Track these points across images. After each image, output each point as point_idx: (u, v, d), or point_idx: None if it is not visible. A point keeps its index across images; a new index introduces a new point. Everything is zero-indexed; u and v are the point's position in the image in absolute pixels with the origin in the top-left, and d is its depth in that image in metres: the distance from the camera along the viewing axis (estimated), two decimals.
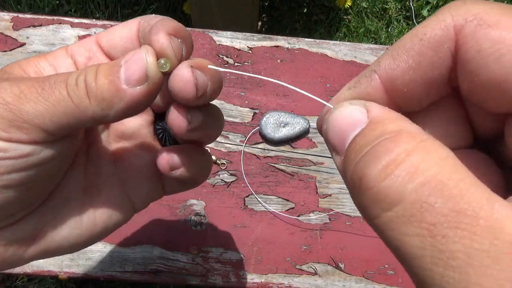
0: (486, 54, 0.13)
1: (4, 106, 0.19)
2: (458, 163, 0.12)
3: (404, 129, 0.14)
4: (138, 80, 0.20)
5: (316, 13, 1.52)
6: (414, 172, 0.12)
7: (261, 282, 0.55)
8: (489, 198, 0.11)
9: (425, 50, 0.14)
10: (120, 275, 0.54)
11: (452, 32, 0.14)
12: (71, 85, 0.20)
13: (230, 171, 0.59)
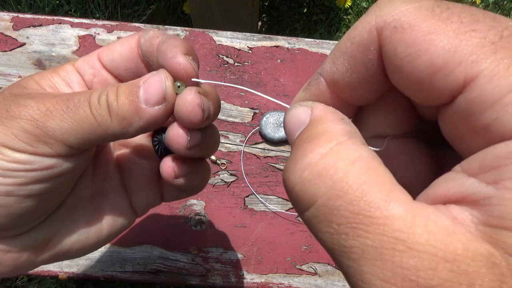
0: (400, 57, 0.13)
1: (32, 123, 0.20)
2: (367, 165, 0.13)
3: (327, 131, 0.15)
4: (157, 101, 0.22)
5: (316, 13, 1.52)
6: (324, 176, 0.13)
7: (261, 282, 0.55)
8: (387, 198, 0.12)
9: (356, 53, 0.15)
10: (120, 275, 0.54)
11: (375, 34, 0.14)
12: (94, 104, 0.21)
13: (230, 171, 0.59)
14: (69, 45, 0.61)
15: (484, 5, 1.54)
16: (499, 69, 0.11)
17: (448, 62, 0.12)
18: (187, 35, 0.64)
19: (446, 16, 0.13)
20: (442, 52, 0.12)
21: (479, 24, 0.12)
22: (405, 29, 0.13)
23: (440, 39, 0.13)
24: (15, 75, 0.59)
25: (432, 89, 0.13)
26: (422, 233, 0.12)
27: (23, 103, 0.21)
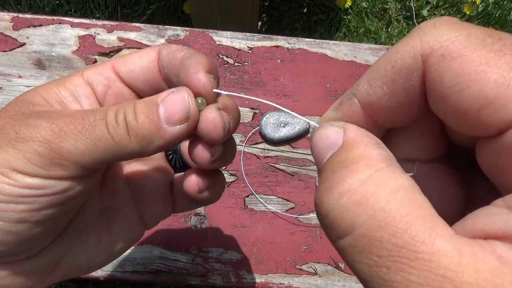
0: (447, 86, 0.13)
1: (45, 145, 0.19)
2: (409, 195, 0.13)
3: (364, 156, 0.14)
4: (180, 120, 0.21)
5: (316, 13, 1.52)
6: (364, 204, 0.13)
7: (261, 282, 0.55)
8: (431, 233, 0.12)
9: (397, 77, 0.15)
10: (120, 275, 0.54)
11: (420, 60, 0.14)
12: (111, 123, 0.20)
13: (230, 171, 0.59)
14: (69, 45, 0.61)
15: (484, 5, 1.54)
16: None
17: (500, 96, 0.12)
18: (187, 35, 0.64)
19: (499, 48, 0.12)
20: (495, 85, 0.12)
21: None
22: (454, 58, 0.13)
23: (492, 71, 0.12)
24: (15, 75, 0.59)
25: (478, 122, 0.13)
26: (471, 272, 0.11)
27: (33, 124, 0.19)
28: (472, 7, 1.51)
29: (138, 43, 0.62)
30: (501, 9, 1.54)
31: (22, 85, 0.59)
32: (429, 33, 0.14)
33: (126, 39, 0.62)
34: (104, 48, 0.61)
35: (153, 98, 0.21)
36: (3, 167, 0.19)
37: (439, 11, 1.55)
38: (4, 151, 0.19)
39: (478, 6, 1.52)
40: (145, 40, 0.62)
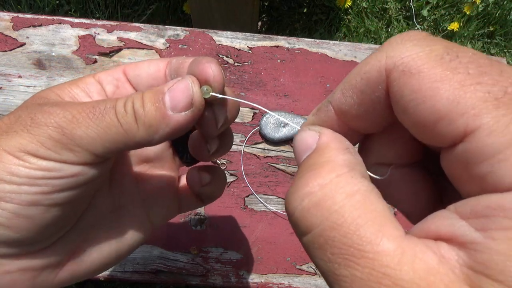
0: (406, 100, 0.14)
1: (58, 130, 0.20)
2: (363, 199, 0.14)
3: (330, 161, 0.16)
4: (184, 107, 0.21)
5: (316, 13, 1.52)
6: (322, 207, 0.14)
7: (261, 282, 0.55)
8: (379, 234, 0.13)
9: (364, 88, 0.16)
10: (120, 275, 0.54)
11: (384, 74, 0.15)
12: (120, 111, 0.21)
13: (230, 171, 0.59)
14: (69, 45, 0.61)
15: (484, 5, 1.54)
16: (499, 125, 0.12)
17: (451, 112, 0.13)
18: (187, 35, 0.64)
19: (454, 66, 0.13)
20: (446, 102, 0.13)
21: (484, 77, 0.13)
22: (413, 74, 0.14)
23: (445, 88, 0.13)
24: (15, 75, 0.59)
25: (434, 134, 0.14)
26: (408, 270, 0.12)
27: (48, 111, 0.20)
28: (472, 7, 1.51)
29: (138, 43, 0.62)
30: (501, 9, 1.54)
31: (22, 85, 0.59)
32: (395, 48, 0.15)
33: (126, 39, 0.62)
34: (104, 48, 0.61)
35: (161, 87, 0.22)
36: (18, 150, 0.20)
37: (439, 11, 1.55)
38: (20, 135, 0.20)
39: (478, 6, 1.52)
40: (145, 40, 0.62)
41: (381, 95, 0.15)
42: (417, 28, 1.52)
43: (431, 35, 0.15)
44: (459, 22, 1.50)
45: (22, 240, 0.21)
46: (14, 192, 0.20)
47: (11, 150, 0.20)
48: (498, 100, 0.12)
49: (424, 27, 1.54)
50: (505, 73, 0.13)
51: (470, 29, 1.52)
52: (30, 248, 0.22)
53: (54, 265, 0.24)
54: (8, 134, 0.20)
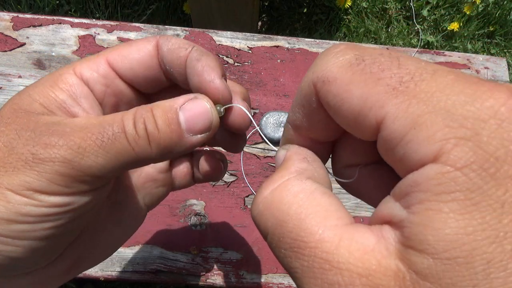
0: (331, 105, 0.16)
1: (65, 164, 0.19)
2: (307, 197, 0.16)
3: (285, 169, 0.18)
4: (203, 130, 0.21)
5: (316, 13, 1.52)
6: (272, 208, 0.16)
7: (261, 282, 0.55)
8: (319, 225, 0.15)
9: (304, 103, 0.18)
10: (120, 275, 0.54)
11: (313, 88, 0.17)
12: (131, 134, 0.20)
13: (230, 171, 0.59)
14: (69, 45, 0.61)
15: (484, 5, 1.54)
16: (400, 111, 0.13)
17: (363, 108, 0.15)
18: (187, 35, 0.64)
19: (361, 68, 0.15)
20: (357, 100, 0.15)
21: (384, 73, 0.14)
22: (331, 82, 0.16)
23: (355, 89, 0.15)
24: (15, 75, 0.59)
25: (359, 129, 0.15)
26: (344, 252, 0.14)
27: (49, 143, 0.19)
28: (472, 7, 1.51)
29: None
30: (501, 9, 1.54)
31: (22, 85, 0.59)
32: (317, 64, 0.17)
33: (126, 39, 0.62)
34: (104, 48, 0.61)
35: (170, 104, 0.21)
36: (25, 189, 0.18)
37: (439, 11, 1.55)
38: (22, 172, 0.19)
39: (478, 6, 1.52)
40: None
41: (316, 106, 0.17)
42: (417, 28, 1.52)
43: (351, 45, 0.17)
44: (459, 22, 1.50)
45: (35, 263, 0.21)
46: (28, 230, 0.19)
47: (17, 189, 0.18)
48: (396, 90, 0.14)
49: (424, 27, 1.54)
50: (402, 65, 0.14)
51: (470, 29, 1.52)
52: (40, 266, 0.22)
53: (63, 270, 0.24)
54: (6, 169, 0.19)
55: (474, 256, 0.11)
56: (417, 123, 0.13)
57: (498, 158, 0.12)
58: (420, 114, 0.13)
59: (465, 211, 0.12)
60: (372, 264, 0.13)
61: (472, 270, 0.11)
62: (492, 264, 0.11)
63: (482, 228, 0.11)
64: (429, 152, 0.12)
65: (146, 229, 0.56)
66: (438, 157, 0.12)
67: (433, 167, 0.12)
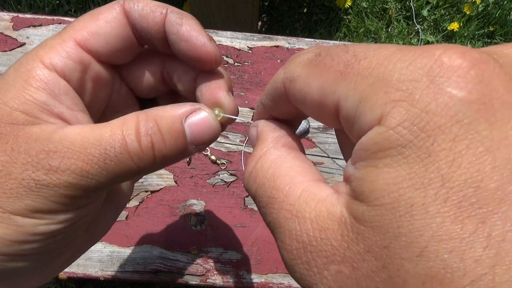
0: (296, 99, 0.18)
1: (70, 188, 0.19)
2: (281, 161, 0.18)
3: (263, 140, 0.20)
4: (206, 143, 0.22)
5: (316, 13, 1.51)
6: (255, 176, 0.19)
7: (261, 282, 0.55)
8: (289, 183, 0.17)
9: (274, 94, 0.20)
10: (120, 275, 0.54)
11: (282, 86, 0.19)
12: (136, 153, 0.20)
13: (230, 171, 0.59)
14: None
15: (484, 5, 1.54)
16: (348, 91, 0.15)
17: (321, 97, 0.16)
18: None
19: (317, 63, 0.17)
20: (316, 91, 0.16)
21: (334, 61, 0.16)
22: (295, 80, 0.18)
23: (313, 81, 0.17)
24: None
25: (325, 118, 0.17)
26: (302, 203, 0.16)
27: (50, 168, 0.18)
28: (472, 7, 1.51)
29: None
30: (501, 9, 1.54)
31: None
32: (287, 65, 0.19)
33: None
34: None
35: (175, 115, 0.21)
36: (32, 212, 0.19)
37: (439, 11, 1.55)
38: (26, 198, 0.19)
39: (478, 6, 1.52)
40: None
41: (284, 99, 0.19)
42: (417, 28, 1.52)
43: (317, 46, 0.18)
44: (459, 22, 1.50)
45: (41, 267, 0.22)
46: (40, 246, 0.20)
47: (24, 213, 0.19)
48: (343, 73, 0.15)
49: (424, 27, 1.54)
50: (349, 50, 0.16)
51: (470, 29, 1.52)
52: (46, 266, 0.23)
53: (62, 263, 0.24)
54: (7, 195, 0.18)
55: (399, 202, 0.13)
56: (363, 96, 0.14)
57: (428, 111, 0.12)
58: (364, 88, 0.14)
59: (396, 164, 0.13)
60: (321, 210, 0.15)
61: (397, 214, 0.13)
62: (414, 207, 0.12)
63: (410, 178, 0.13)
64: (373, 118, 0.14)
65: (146, 229, 0.56)
66: (380, 121, 0.14)
67: (374, 129, 0.14)
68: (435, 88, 0.13)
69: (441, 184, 0.12)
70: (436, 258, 0.12)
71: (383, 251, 0.13)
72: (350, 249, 0.14)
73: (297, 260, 0.16)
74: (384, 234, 0.13)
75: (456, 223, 0.12)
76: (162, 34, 0.22)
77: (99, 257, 0.55)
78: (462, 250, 0.11)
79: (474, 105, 0.12)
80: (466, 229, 0.11)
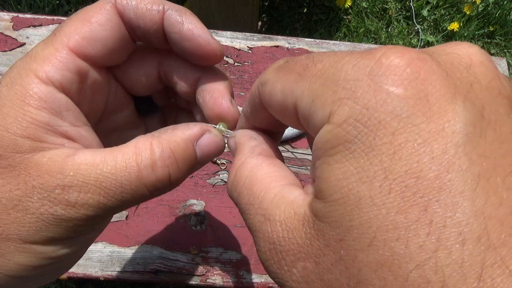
0: (266, 101, 0.19)
1: (89, 220, 0.19)
2: (256, 169, 0.19)
3: (241, 151, 0.21)
4: (211, 160, 0.23)
5: (316, 13, 1.51)
6: (236, 184, 0.19)
7: (261, 282, 0.55)
8: (262, 189, 0.18)
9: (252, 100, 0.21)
10: (120, 275, 0.54)
11: (257, 91, 0.20)
12: (152, 184, 0.20)
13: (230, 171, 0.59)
14: None
15: (484, 5, 1.54)
16: (303, 91, 0.16)
17: (283, 99, 0.17)
18: None
19: (283, 67, 0.18)
20: (280, 93, 0.17)
21: (296, 66, 0.17)
22: (265, 84, 0.18)
23: (278, 84, 0.17)
24: None
25: (288, 119, 0.18)
26: (273, 207, 0.17)
27: (68, 204, 0.18)
28: (472, 7, 1.51)
29: None
30: (501, 9, 1.54)
31: None
32: (265, 72, 0.19)
33: None
34: None
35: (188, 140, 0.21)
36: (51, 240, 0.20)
37: (439, 11, 1.55)
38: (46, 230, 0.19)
39: (478, 6, 1.52)
40: None
41: (260, 105, 0.20)
42: (417, 28, 1.52)
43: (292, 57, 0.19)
44: (459, 22, 1.50)
45: None
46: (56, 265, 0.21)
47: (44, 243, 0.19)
48: (301, 74, 0.16)
49: (424, 27, 1.54)
50: (311, 56, 0.17)
51: (470, 29, 1.52)
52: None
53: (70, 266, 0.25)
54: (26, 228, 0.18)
55: (349, 196, 0.13)
56: (315, 95, 0.15)
57: (369, 108, 0.13)
58: (316, 88, 0.15)
59: (344, 159, 0.14)
60: (289, 212, 0.16)
61: (348, 208, 0.13)
62: (362, 200, 0.13)
63: (357, 172, 0.13)
64: (324, 116, 0.14)
65: (146, 229, 0.56)
66: (329, 118, 0.14)
67: (324, 127, 0.14)
68: (374, 86, 0.13)
69: (384, 176, 0.13)
70: (384, 246, 0.12)
71: (339, 244, 0.13)
72: (312, 245, 0.14)
73: (270, 261, 0.16)
74: (338, 228, 0.13)
75: (400, 212, 0.12)
76: (160, 33, 0.21)
77: (99, 257, 0.55)
78: (407, 238, 0.12)
79: (411, 100, 0.13)
80: (410, 218, 0.12)
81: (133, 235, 0.56)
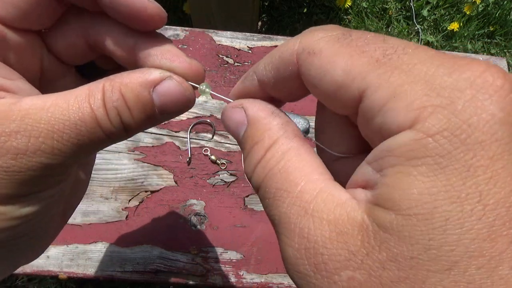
0: (312, 75, 0.16)
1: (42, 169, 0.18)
2: (294, 154, 0.17)
3: (267, 129, 0.18)
4: (177, 112, 0.20)
5: (316, 13, 1.52)
6: (265, 167, 0.18)
7: (261, 282, 0.55)
8: (303, 178, 0.16)
9: (280, 66, 0.18)
10: (120, 275, 0.54)
11: (295, 57, 0.17)
12: (108, 128, 0.19)
13: (230, 171, 0.59)
14: None
15: (484, 5, 1.54)
16: (381, 82, 0.14)
17: (345, 79, 0.15)
18: (186, 35, 0.64)
19: (347, 42, 0.16)
20: (341, 72, 0.15)
21: (369, 46, 0.15)
22: (316, 54, 0.16)
23: (339, 61, 0.15)
24: None
25: (338, 101, 0.16)
26: (320, 203, 0.15)
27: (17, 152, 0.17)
28: (472, 7, 1.51)
29: None
30: (501, 9, 1.54)
31: None
32: (305, 36, 0.17)
33: None
34: None
35: (141, 83, 0.19)
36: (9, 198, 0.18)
37: (439, 11, 1.55)
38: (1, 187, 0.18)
39: (478, 6, 1.52)
40: None
41: (292, 74, 0.18)
42: (417, 28, 1.52)
43: (340, 26, 0.17)
44: (459, 22, 1.50)
45: None
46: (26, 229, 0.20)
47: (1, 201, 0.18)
48: (379, 61, 0.14)
49: (424, 27, 1.54)
50: (387, 40, 0.15)
51: (470, 29, 1.52)
52: None
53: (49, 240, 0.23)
54: None
55: (433, 214, 0.12)
56: (397, 92, 0.14)
57: (471, 125, 0.12)
58: (401, 83, 0.14)
59: (432, 174, 0.13)
60: (341, 214, 0.15)
61: (430, 226, 0.12)
62: (450, 221, 0.12)
63: (446, 190, 0.12)
64: (407, 119, 0.13)
65: (146, 229, 0.56)
66: (414, 124, 0.13)
67: (408, 133, 0.13)
68: (478, 102, 0.13)
69: (478, 200, 0.12)
70: (464, 273, 0.12)
71: (409, 262, 0.12)
72: (370, 256, 0.13)
73: (303, 260, 0.15)
74: (412, 245, 0.12)
75: (488, 241, 0.12)
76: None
77: (99, 257, 0.55)
78: (491, 268, 0.11)
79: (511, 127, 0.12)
80: (497, 248, 0.12)
81: (133, 235, 0.56)
